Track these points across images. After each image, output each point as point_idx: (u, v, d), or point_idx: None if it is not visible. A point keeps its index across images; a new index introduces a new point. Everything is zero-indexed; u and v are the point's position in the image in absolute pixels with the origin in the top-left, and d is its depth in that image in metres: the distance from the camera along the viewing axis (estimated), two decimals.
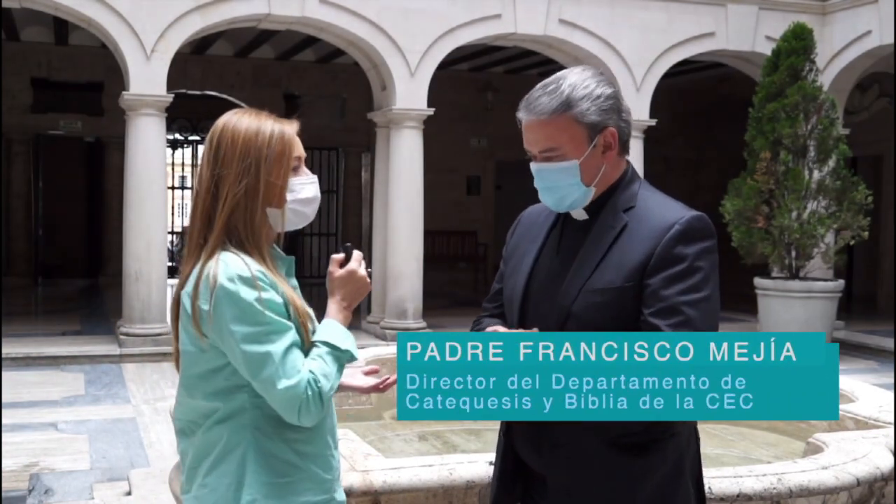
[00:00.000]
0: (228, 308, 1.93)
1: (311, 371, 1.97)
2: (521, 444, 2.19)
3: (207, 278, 1.95)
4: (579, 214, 2.14)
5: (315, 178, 2.14)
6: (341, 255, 2.12)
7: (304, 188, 2.10)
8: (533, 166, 2.11)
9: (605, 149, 2.08)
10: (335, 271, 2.10)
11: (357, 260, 2.11)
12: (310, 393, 1.95)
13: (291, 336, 1.97)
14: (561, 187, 2.07)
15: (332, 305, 2.09)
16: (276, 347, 1.94)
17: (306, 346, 2.02)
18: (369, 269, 2.13)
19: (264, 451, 2.01)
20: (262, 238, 2.04)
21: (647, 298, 1.99)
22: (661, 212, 2.05)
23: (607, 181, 2.11)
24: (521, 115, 2.08)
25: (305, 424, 1.98)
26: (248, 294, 1.93)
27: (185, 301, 2.01)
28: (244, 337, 1.92)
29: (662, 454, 2.04)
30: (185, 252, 2.07)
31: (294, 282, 2.12)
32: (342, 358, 2.03)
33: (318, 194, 2.15)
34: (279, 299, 1.99)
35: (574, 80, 2.06)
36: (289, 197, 2.06)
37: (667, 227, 2.01)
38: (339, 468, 2.16)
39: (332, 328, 2.06)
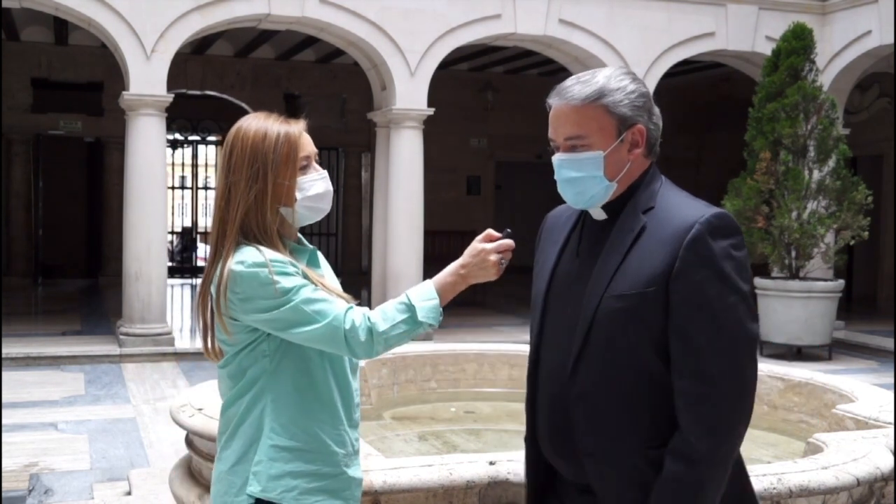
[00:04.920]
0: (248, 287, 2.09)
1: (364, 313, 2.12)
2: (548, 451, 2.12)
3: (230, 270, 2.11)
4: (598, 214, 2.08)
5: (325, 173, 2.25)
6: (497, 234, 2.17)
7: (314, 185, 2.21)
8: (555, 158, 2.05)
9: (633, 146, 2.03)
10: (477, 243, 2.17)
11: (496, 247, 2.15)
12: (356, 325, 2.09)
13: (312, 288, 2.12)
14: (583, 179, 2.01)
15: (452, 266, 2.19)
16: (300, 298, 2.09)
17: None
18: (503, 262, 2.16)
19: (279, 418, 2.15)
20: (275, 235, 2.16)
21: (678, 306, 1.92)
22: (681, 212, 1.98)
23: (629, 180, 2.05)
24: (553, 100, 2.04)
25: (360, 355, 2.12)
26: (263, 273, 2.09)
27: (214, 293, 2.16)
28: (270, 303, 2.08)
29: None
30: (209, 254, 2.23)
31: (321, 270, 2.25)
32: (410, 311, 2.12)
33: (330, 188, 2.26)
34: (295, 271, 2.12)
35: (609, 73, 2.04)
36: (298, 196, 2.18)
37: (686, 227, 1.93)
38: (357, 447, 2.27)
39: (422, 286, 2.17)
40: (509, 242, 2.14)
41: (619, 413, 1.97)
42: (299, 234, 2.29)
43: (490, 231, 2.16)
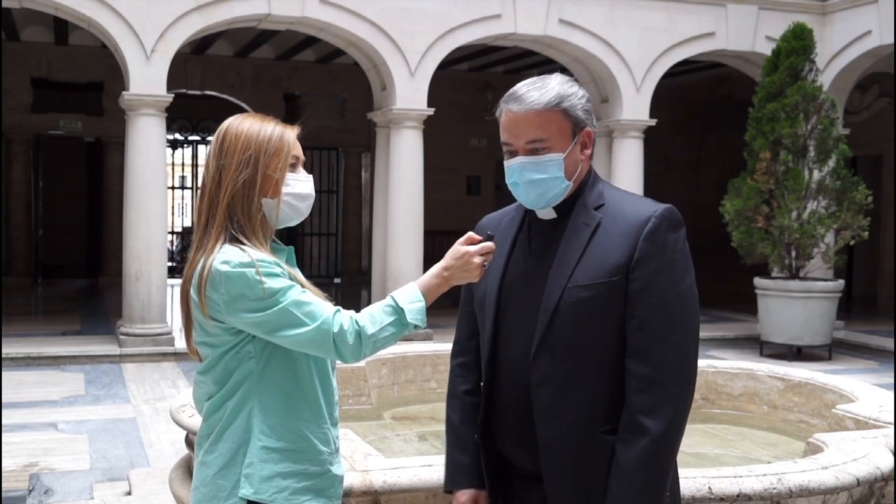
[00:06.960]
0: (235, 288, 2.07)
1: (351, 316, 2.11)
2: (506, 443, 2.19)
3: (212, 269, 2.09)
4: (548, 214, 2.17)
5: (311, 177, 2.27)
6: (478, 238, 2.19)
7: (299, 184, 2.22)
8: (515, 161, 2.11)
9: (583, 147, 2.14)
10: (460, 245, 2.18)
11: (479, 250, 2.16)
12: (344, 328, 2.08)
13: (300, 290, 2.11)
14: (545, 181, 2.10)
15: (435, 268, 2.20)
16: (288, 301, 2.07)
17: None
18: (485, 264, 2.17)
19: (267, 420, 2.14)
20: (258, 225, 2.16)
21: (637, 293, 2.03)
22: (633, 207, 2.10)
23: (579, 180, 2.16)
24: (512, 106, 2.10)
25: (348, 359, 2.11)
26: (250, 273, 2.07)
27: (194, 294, 2.14)
28: (257, 304, 2.07)
29: None
30: (193, 239, 2.20)
31: (297, 271, 2.22)
32: (398, 313, 2.13)
33: (313, 192, 2.27)
34: (282, 272, 2.11)
35: (560, 80, 2.14)
36: (284, 190, 2.19)
37: (643, 221, 2.05)
38: (338, 444, 2.27)
39: (407, 289, 2.17)
40: (491, 245, 2.18)
41: (578, 398, 2.06)
42: (273, 236, 2.26)
43: (471, 234, 2.19)
